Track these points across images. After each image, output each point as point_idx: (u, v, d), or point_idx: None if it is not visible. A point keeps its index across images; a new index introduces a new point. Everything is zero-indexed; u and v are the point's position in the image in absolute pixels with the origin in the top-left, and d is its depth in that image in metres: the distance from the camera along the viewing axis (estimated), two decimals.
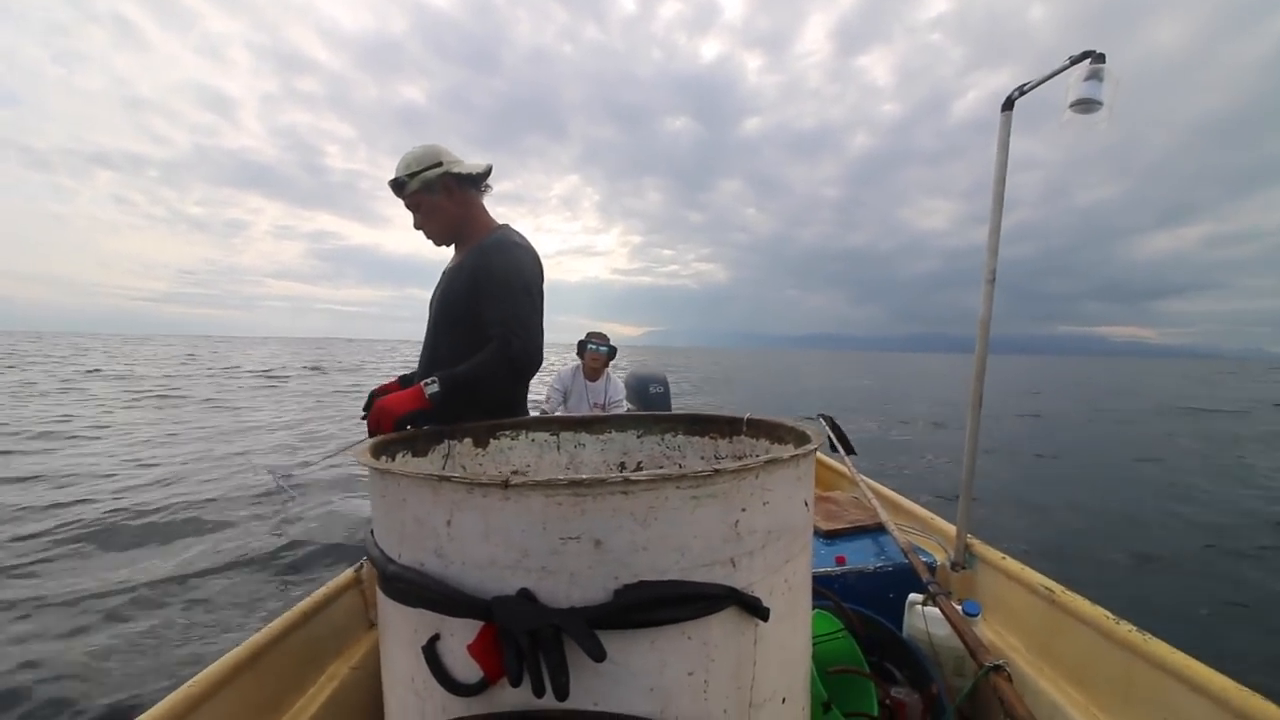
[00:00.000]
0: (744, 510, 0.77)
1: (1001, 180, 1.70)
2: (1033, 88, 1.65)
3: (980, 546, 1.69)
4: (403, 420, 1.31)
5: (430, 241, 1.72)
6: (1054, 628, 1.35)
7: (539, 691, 0.67)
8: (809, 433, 1.05)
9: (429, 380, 1.37)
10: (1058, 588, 1.37)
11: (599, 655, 0.66)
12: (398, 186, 1.64)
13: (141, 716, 1.00)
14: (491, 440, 1.41)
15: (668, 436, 1.48)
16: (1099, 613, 1.23)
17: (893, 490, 2.39)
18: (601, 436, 1.51)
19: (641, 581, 0.72)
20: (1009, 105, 1.71)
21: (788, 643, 0.86)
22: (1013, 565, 1.54)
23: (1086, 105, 1.37)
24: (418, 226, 1.70)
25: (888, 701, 1.39)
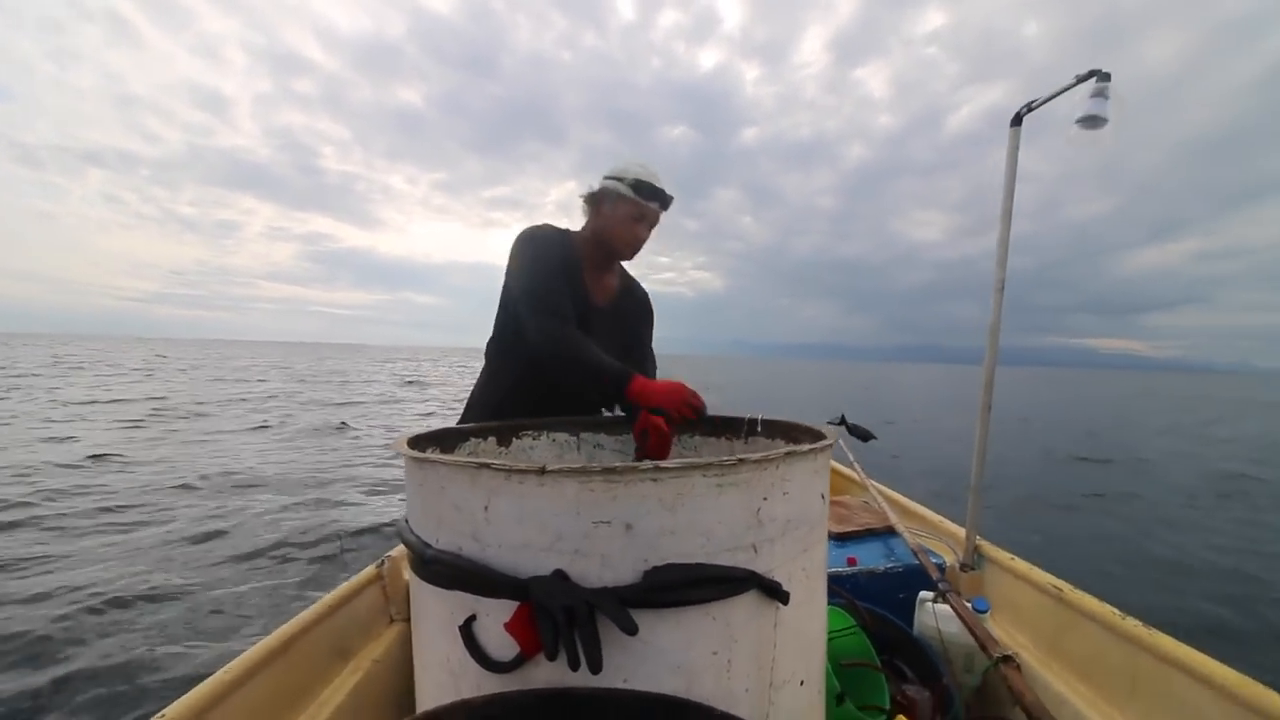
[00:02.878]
0: (765, 499, 0.82)
1: (1010, 194, 1.75)
2: (1041, 104, 1.70)
3: (989, 548, 1.72)
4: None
5: (629, 256, 1.63)
6: (1062, 624, 1.38)
7: (574, 664, 0.71)
8: (824, 431, 1.10)
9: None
10: (1066, 586, 1.40)
11: (632, 629, 0.70)
12: (669, 201, 1.56)
13: (182, 698, 1.04)
14: (514, 439, 1.46)
15: (684, 438, 1.52)
16: (1106, 609, 1.27)
17: (902, 495, 2.43)
18: (620, 438, 1.56)
19: (669, 564, 0.76)
20: (1018, 121, 1.76)
21: (805, 628, 0.90)
22: (1021, 565, 1.57)
23: (1092, 121, 1.42)
24: (643, 238, 1.60)
25: (900, 698, 1.42)
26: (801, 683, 0.89)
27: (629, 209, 1.52)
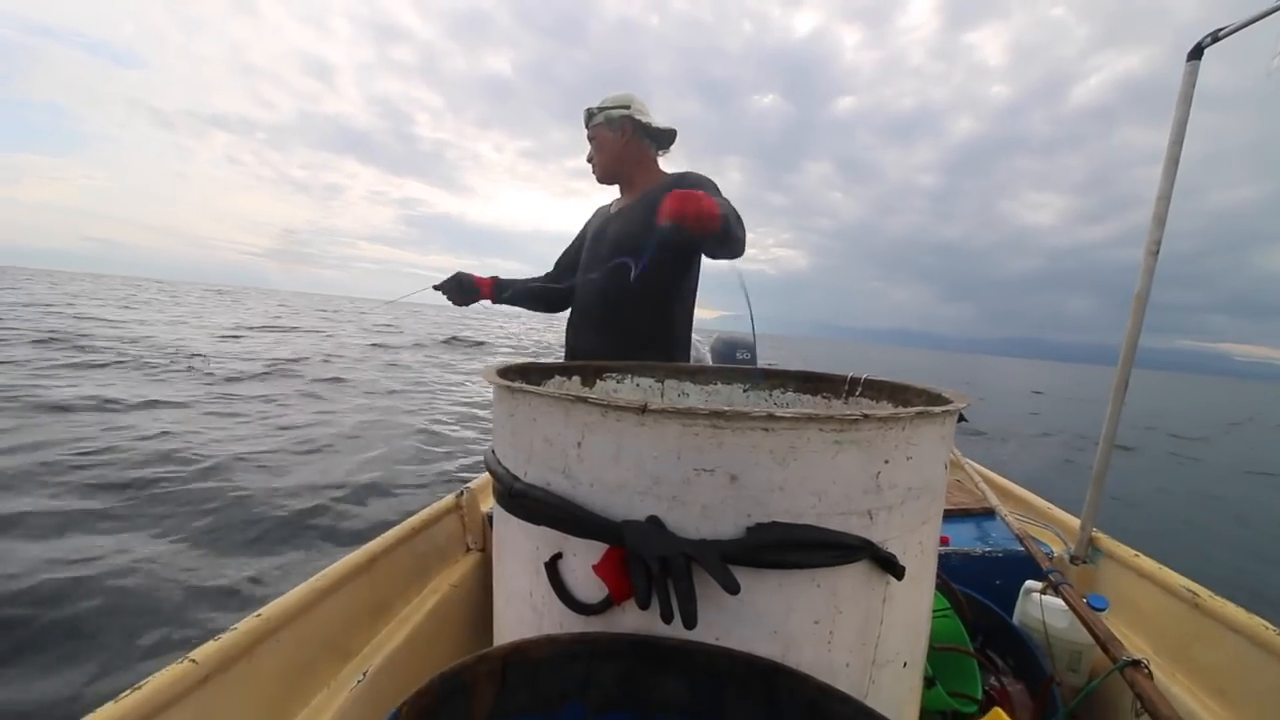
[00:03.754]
0: (887, 462, 0.73)
1: (1178, 142, 1.50)
2: (1232, 32, 1.43)
3: (1106, 541, 1.55)
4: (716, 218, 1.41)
5: (595, 175, 1.91)
6: (1193, 633, 1.22)
7: (667, 617, 0.66)
8: (947, 394, 0.98)
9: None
10: (1203, 591, 1.24)
11: (734, 588, 0.64)
12: (588, 115, 1.85)
13: (277, 600, 1.08)
14: (599, 380, 1.42)
15: (776, 393, 1.43)
16: (1256, 621, 1.10)
17: (1001, 476, 2.25)
18: (706, 387, 1.48)
19: (775, 522, 0.69)
20: (1197, 54, 1.49)
21: (914, 607, 0.82)
22: (1146, 563, 1.40)
23: None
24: (589, 159, 1.91)
25: (993, 690, 1.32)
26: (905, 664, 0.81)
27: None
